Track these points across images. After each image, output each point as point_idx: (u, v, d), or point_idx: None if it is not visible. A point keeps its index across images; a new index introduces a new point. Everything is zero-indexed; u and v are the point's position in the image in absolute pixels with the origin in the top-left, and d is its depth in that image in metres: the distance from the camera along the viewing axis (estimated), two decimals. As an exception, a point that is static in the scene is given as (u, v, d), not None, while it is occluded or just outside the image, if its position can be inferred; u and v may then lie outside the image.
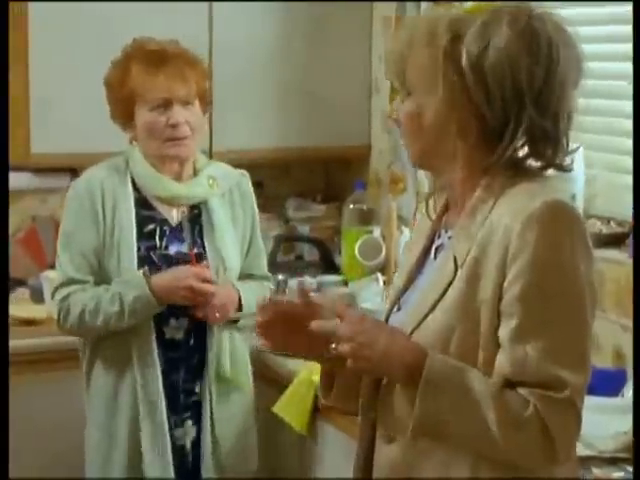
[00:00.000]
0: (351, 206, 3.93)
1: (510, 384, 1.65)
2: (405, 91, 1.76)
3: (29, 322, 3.52)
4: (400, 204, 3.75)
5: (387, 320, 1.87)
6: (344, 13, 4.01)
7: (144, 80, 2.78)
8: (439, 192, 1.88)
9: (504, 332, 1.65)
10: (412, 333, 1.74)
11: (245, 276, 2.98)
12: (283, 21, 3.94)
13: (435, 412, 1.66)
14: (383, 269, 3.69)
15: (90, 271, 2.83)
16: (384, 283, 3.53)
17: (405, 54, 1.73)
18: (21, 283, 3.76)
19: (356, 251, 3.76)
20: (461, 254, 1.71)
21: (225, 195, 2.93)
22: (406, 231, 3.63)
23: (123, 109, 2.83)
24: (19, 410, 3.31)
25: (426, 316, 1.73)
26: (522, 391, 1.64)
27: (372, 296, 3.41)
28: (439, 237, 1.85)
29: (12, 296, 3.66)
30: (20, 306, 3.57)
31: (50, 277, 3.65)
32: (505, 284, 1.65)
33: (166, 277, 2.78)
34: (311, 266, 3.90)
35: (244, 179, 3.00)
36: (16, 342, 3.34)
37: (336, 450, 2.92)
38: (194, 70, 2.84)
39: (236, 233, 2.93)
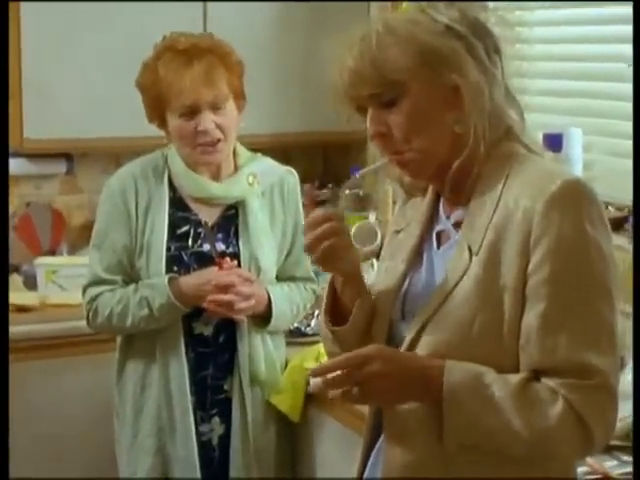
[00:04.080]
0: (347, 191, 3.89)
1: (538, 374, 1.61)
2: (388, 96, 1.69)
3: (22, 309, 3.50)
4: (397, 189, 3.70)
5: (389, 317, 1.81)
6: (341, 5, 3.99)
7: (170, 85, 2.69)
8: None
9: (531, 318, 1.61)
10: (426, 325, 1.69)
11: (287, 278, 2.92)
12: (279, 13, 3.93)
13: (463, 426, 1.62)
14: (378, 255, 3.64)
15: (120, 270, 2.79)
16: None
17: (377, 59, 1.67)
18: (14, 269, 3.74)
19: (351, 236, 3.71)
20: (475, 241, 1.66)
21: (265, 193, 2.86)
22: (393, 220, 3.58)
23: (155, 113, 2.76)
24: (12, 397, 3.29)
25: (440, 306, 1.68)
26: (551, 382, 1.60)
27: (367, 282, 3.36)
28: (437, 223, 1.81)
29: (5, 282, 3.65)
30: (13, 293, 3.54)
31: (43, 263, 3.65)
32: (530, 268, 1.60)
33: (191, 282, 2.72)
34: (308, 252, 3.87)
35: (289, 176, 2.93)
36: (9, 329, 3.33)
37: (329, 437, 2.90)
38: (226, 68, 2.74)
39: (274, 233, 2.86)
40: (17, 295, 3.57)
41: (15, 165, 3.74)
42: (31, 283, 3.66)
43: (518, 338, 1.63)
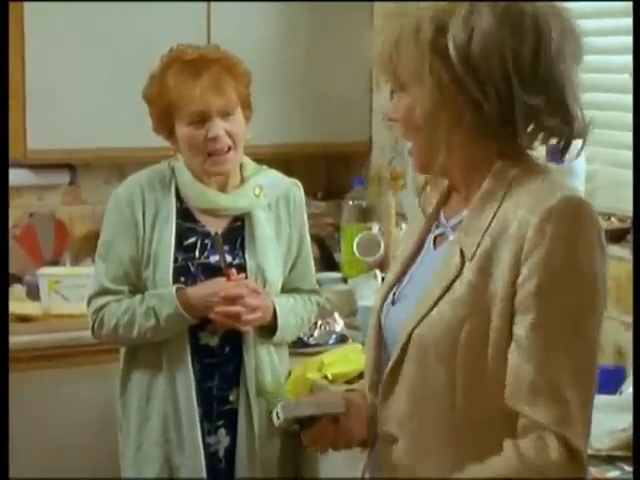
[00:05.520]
0: (350, 203, 3.91)
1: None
2: (398, 89, 1.73)
3: (25, 319, 3.50)
4: (400, 200, 3.71)
5: (381, 314, 1.82)
6: (344, 9, 3.99)
7: (180, 94, 2.69)
8: (433, 185, 1.85)
9: (521, 329, 1.60)
10: (416, 327, 1.69)
11: (291, 290, 2.91)
12: (282, 20, 3.93)
13: None
14: (382, 266, 3.66)
15: (126, 281, 2.78)
16: (382, 280, 3.49)
17: (393, 52, 1.70)
18: (17, 279, 3.74)
19: (354, 247, 3.73)
20: (469, 247, 1.66)
21: (271, 205, 2.86)
22: (405, 228, 3.60)
23: (163, 124, 2.76)
24: (14, 407, 3.29)
25: (431, 309, 1.68)
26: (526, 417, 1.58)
27: (370, 293, 3.37)
28: (437, 227, 1.81)
29: (8, 292, 3.65)
30: (16, 303, 3.55)
31: (46, 274, 3.65)
32: (520, 280, 1.60)
33: (199, 293, 2.72)
34: (311, 263, 3.87)
35: (294, 189, 2.92)
36: (11, 339, 3.31)
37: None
38: (234, 77, 2.74)
39: (280, 245, 2.85)
40: (20, 305, 3.57)
41: (18, 176, 3.75)
42: (34, 293, 3.66)
43: (502, 349, 1.62)
